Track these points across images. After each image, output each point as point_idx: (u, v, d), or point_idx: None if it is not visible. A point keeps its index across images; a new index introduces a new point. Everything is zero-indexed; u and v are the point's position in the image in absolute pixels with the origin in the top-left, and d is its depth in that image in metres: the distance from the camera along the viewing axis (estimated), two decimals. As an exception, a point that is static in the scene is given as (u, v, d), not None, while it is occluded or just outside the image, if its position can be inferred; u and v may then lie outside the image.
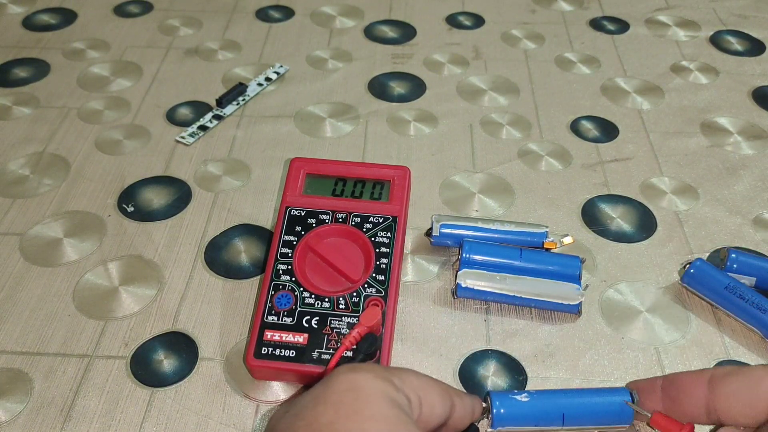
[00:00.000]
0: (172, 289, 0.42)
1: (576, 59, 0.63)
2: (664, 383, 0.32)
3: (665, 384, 0.32)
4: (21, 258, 0.44)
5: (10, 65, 0.61)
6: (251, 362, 0.35)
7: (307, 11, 0.69)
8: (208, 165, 0.51)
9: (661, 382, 0.33)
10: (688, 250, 0.45)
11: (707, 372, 0.31)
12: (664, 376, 0.33)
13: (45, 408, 0.36)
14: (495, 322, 0.40)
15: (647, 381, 0.33)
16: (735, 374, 0.30)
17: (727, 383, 0.30)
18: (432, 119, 0.55)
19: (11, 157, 0.52)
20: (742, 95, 0.59)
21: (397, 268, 0.38)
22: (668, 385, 0.32)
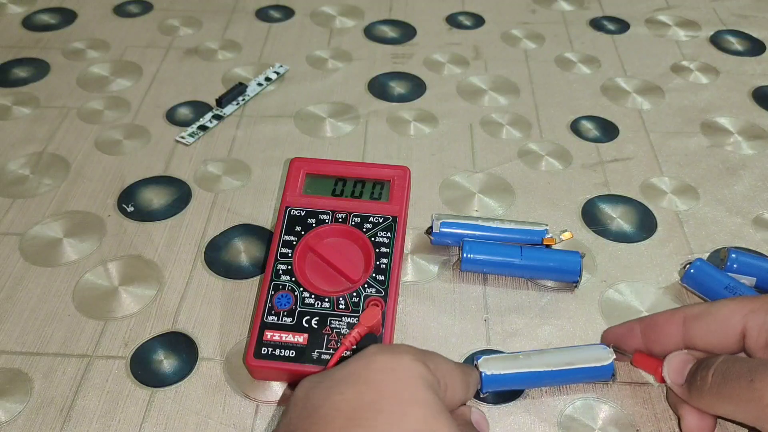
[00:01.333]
0: (171, 289, 0.42)
1: (576, 59, 0.63)
2: (643, 327, 0.35)
3: (644, 327, 0.35)
4: (21, 258, 0.44)
5: (10, 65, 0.61)
6: (251, 362, 0.35)
7: (307, 11, 0.69)
8: (208, 165, 0.51)
9: (639, 325, 0.36)
10: (688, 250, 0.45)
11: (680, 312, 0.34)
12: (640, 320, 0.36)
13: (45, 408, 0.36)
14: (495, 322, 0.40)
15: (625, 326, 0.36)
16: (706, 314, 0.33)
17: (699, 323, 0.33)
18: (432, 119, 0.55)
19: (11, 157, 0.51)
20: (742, 95, 0.59)
21: (397, 268, 0.38)
22: (646, 327, 0.35)
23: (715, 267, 0.41)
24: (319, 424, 0.25)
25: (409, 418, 0.25)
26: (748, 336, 0.31)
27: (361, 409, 0.25)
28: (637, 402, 0.36)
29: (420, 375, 0.26)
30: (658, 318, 0.35)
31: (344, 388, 0.26)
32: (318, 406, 0.26)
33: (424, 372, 0.27)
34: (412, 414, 0.25)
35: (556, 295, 0.42)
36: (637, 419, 0.35)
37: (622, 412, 0.36)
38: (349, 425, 0.24)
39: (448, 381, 0.29)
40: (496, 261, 0.41)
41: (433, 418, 0.25)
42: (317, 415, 0.25)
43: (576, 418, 0.35)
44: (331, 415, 0.25)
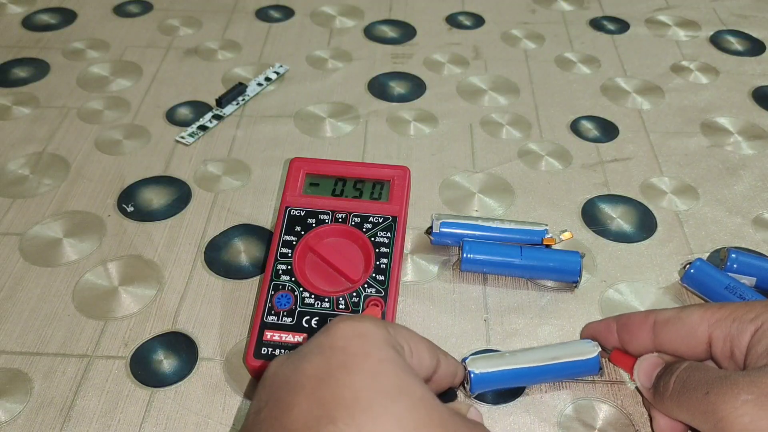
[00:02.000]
0: (171, 289, 0.42)
1: (576, 59, 0.63)
2: (618, 326, 0.35)
3: (618, 326, 0.36)
4: (21, 258, 0.44)
5: (10, 65, 0.61)
6: (251, 362, 0.35)
7: (307, 11, 0.69)
8: (207, 165, 0.51)
9: (615, 324, 0.36)
10: (688, 250, 0.45)
11: (651, 315, 0.34)
12: (616, 318, 0.36)
13: (44, 408, 0.36)
14: (495, 322, 0.40)
15: (603, 323, 0.37)
16: (674, 321, 0.33)
17: (667, 329, 0.33)
18: (432, 119, 0.55)
19: (11, 157, 0.51)
20: (742, 95, 0.59)
21: (397, 268, 0.38)
22: (620, 327, 0.35)
23: (715, 267, 0.41)
24: (290, 393, 0.25)
25: (382, 375, 0.25)
26: (714, 345, 0.31)
27: (331, 372, 0.25)
28: (637, 402, 0.36)
29: (385, 338, 0.27)
30: (632, 318, 0.35)
31: (312, 357, 0.26)
32: (287, 377, 0.26)
33: (388, 336, 0.27)
34: (385, 371, 0.25)
35: (556, 295, 0.42)
36: (637, 419, 0.35)
37: (622, 412, 0.36)
38: (320, 386, 0.24)
39: (412, 346, 0.29)
40: (496, 261, 0.41)
41: (405, 375, 0.25)
42: (288, 385, 0.25)
43: (576, 418, 0.35)
44: (301, 382, 0.25)
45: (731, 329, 0.31)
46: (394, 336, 0.28)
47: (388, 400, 0.24)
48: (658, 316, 0.34)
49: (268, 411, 0.25)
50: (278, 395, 0.25)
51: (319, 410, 0.24)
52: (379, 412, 0.24)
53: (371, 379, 0.25)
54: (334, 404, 0.24)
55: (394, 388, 0.25)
